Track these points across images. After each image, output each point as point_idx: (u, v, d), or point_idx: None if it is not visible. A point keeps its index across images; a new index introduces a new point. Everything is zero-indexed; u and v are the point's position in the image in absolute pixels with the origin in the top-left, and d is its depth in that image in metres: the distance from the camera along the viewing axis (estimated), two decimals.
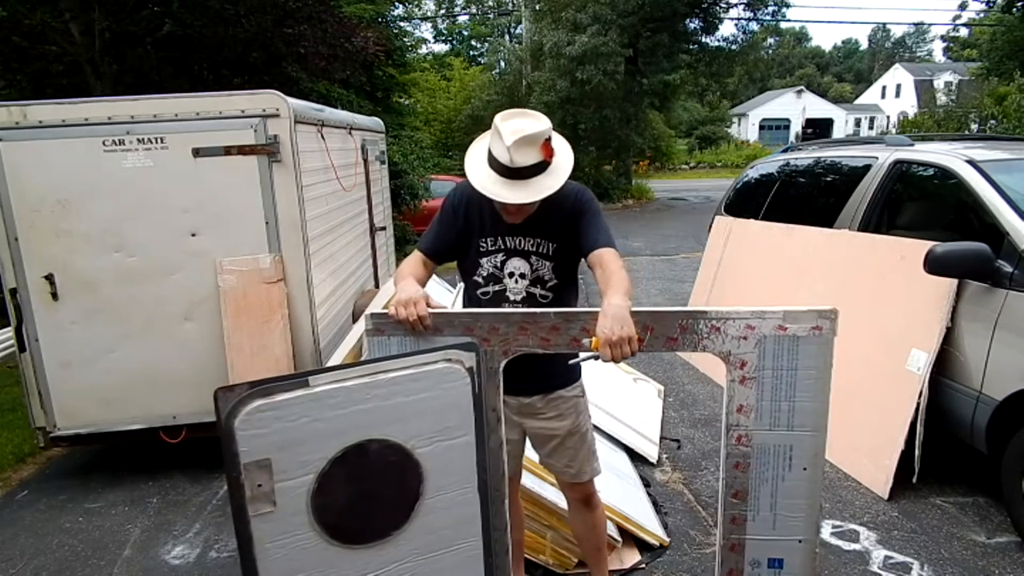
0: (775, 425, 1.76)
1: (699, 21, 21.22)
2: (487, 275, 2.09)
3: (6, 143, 3.42)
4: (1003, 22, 18.73)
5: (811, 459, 1.78)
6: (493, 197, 1.93)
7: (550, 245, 2.06)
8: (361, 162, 5.28)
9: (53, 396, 3.66)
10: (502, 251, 2.07)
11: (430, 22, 36.69)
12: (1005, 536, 2.93)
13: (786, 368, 1.72)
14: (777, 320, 1.69)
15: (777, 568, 1.88)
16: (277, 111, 3.53)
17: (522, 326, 1.77)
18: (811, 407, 1.74)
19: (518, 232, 2.05)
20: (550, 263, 2.07)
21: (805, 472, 1.79)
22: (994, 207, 3.09)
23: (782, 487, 1.80)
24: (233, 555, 3.06)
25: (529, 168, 1.89)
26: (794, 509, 1.82)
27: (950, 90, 27.39)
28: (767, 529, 1.84)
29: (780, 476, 1.79)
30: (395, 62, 11.49)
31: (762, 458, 1.78)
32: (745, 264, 5.08)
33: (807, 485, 1.80)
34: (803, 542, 1.84)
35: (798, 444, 1.77)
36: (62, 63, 7.44)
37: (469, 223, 2.09)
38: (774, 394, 1.74)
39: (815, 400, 1.74)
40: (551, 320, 1.76)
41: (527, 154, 1.88)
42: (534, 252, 2.06)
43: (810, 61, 70.57)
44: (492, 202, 2.00)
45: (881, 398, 3.38)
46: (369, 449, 1.58)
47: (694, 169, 33.51)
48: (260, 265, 3.62)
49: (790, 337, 1.70)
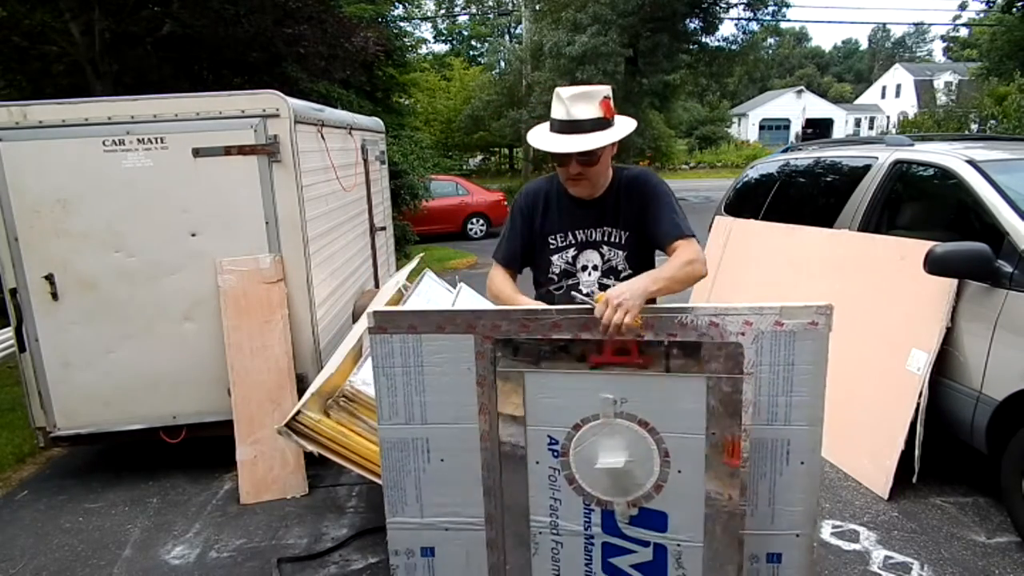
0: (772, 420, 1.77)
1: (699, 21, 21.24)
2: (560, 271, 2.07)
3: (6, 143, 3.41)
4: (1003, 22, 18.74)
5: (808, 453, 1.79)
6: (547, 148, 1.92)
7: (621, 233, 2.03)
8: (361, 162, 5.27)
9: (53, 396, 3.66)
10: (573, 246, 2.05)
11: (430, 22, 36.71)
12: (1005, 536, 2.93)
13: (783, 363, 1.73)
14: (774, 316, 1.70)
15: (775, 563, 1.88)
16: (277, 111, 3.53)
17: (523, 323, 1.77)
18: (808, 402, 1.75)
19: (587, 223, 2.03)
20: (623, 252, 2.03)
21: (802, 466, 1.80)
22: (994, 207, 3.09)
23: (780, 482, 1.81)
24: (233, 555, 3.06)
25: (588, 122, 1.88)
26: (791, 503, 1.82)
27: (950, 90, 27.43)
28: (765, 524, 1.85)
29: (778, 471, 1.80)
30: (395, 62, 11.50)
31: (760, 453, 1.79)
32: (745, 264, 5.08)
33: (804, 479, 1.81)
34: (800, 536, 1.85)
35: (795, 439, 1.78)
36: (62, 63, 7.44)
37: (537, 222, 2.08)
38: (771, 389, 1.74)
39: (811, 395, 1.75)
40: (552, 317, 1.76)
41: (584, 108, 1.88)
42: (605, 242, 2.04)
43: (810, 61, 70.59)
44: (560, 196, 2.01)
45: (881, 398, 3.38)
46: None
47: (694, 169, 33.49)
48: (260, 265, 3.63)
49: (787, 333, 1.71)
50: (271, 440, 3.48)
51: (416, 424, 1.90)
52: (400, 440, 1.92)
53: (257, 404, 3.58)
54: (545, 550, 1.93)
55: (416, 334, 1.82)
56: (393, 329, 1.82)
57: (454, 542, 1.96)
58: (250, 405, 3.58)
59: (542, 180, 2.15)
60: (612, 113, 1.94)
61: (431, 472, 1.93)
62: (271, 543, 3.14)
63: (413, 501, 1.95)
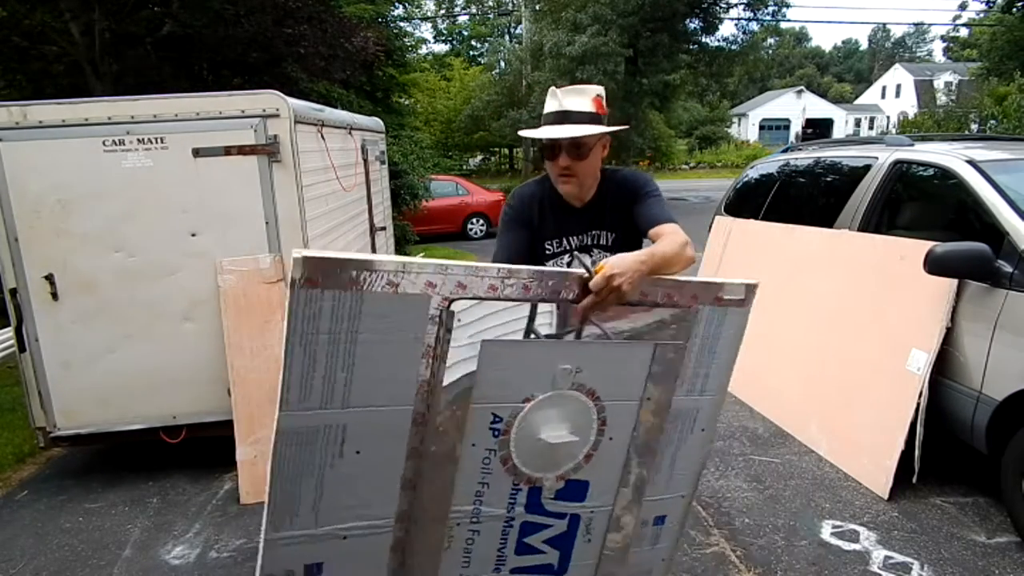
0: (691, 391, 1.79)
1: (699, 21, 21.23)
2: None
3: (6, 143, 3.41)
4: (1003, 22, 18.74)
5: (708, 421, 1.85)
6: (538, 135, 1.92)
7: (609, 235, 2.03)
8: (361, 162, 5.28)
9: (53, 396, 3.66)
10: (567, 251, 2.05)
11: (430, 22, 36.73)
12: (1005, 536, 2.93)
13: (712, 336, 1.75)
14: (718, 290, 1.72)
15: (659, 525, 1.93)
16: (277, 111, 3.53)
17: (460, 283, 1.49)
18: (722, 373, 1.81)
19: (579, 229, 2.04)
20: (609, 254, 2.00)
21: (703, 433, 1.85)
22: (994, 207, 3.09)
23: (683, 448, 1.85)
24: (233, 555, 3.06)
25: (579, 114, 1.89)
26: (687, 468, 1.88)
27: (950, 90, 27.46)
28: (660, 489, 1.88)
29: (683, 439, 1.84)
30: (395, 62, 11.50)
31: (673, 423, 1.81)
32: (745, 264, 5.08)
33: (700, 446, 1.87)
34: (684, 497, 1.91)
35: (703, 408, 1.82)
36: (62, 63, 7.44)
37: (533, 225, 2.05)
38: (697, 361, 1.77)
39: (726, 366, 1.80)
40: (493, 275, 1.53)
41: (576, 100, 1.90)
42: (594, 245, 2.04)
43: (810, 61, 70.60)
44: (553, 202, 2.00)
45: (881, 398, 3.38)
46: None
47: (694, 169, 33.49)
48: (260, 265, 3.63)
49: (721, 308, 1.74)
50: (271, 440, 3.47)
51: (333, 409, 1.50)
52: (308, 431, 1.53)
53: (257, 404, 3.58)
54: (459, 543, 1.75)
55: (357, 291, 1.39)
56: (328, 283, 1.36)
57: (349, 552, 1.63)
58: (250, 405, 3.58)
59: (532, 184, 2.10)
60: (604, 111, 1.95)
61: (340, 468, 1.55)
62: None
63: (308, 510, 1.57)
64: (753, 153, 30.49)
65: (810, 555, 2.86)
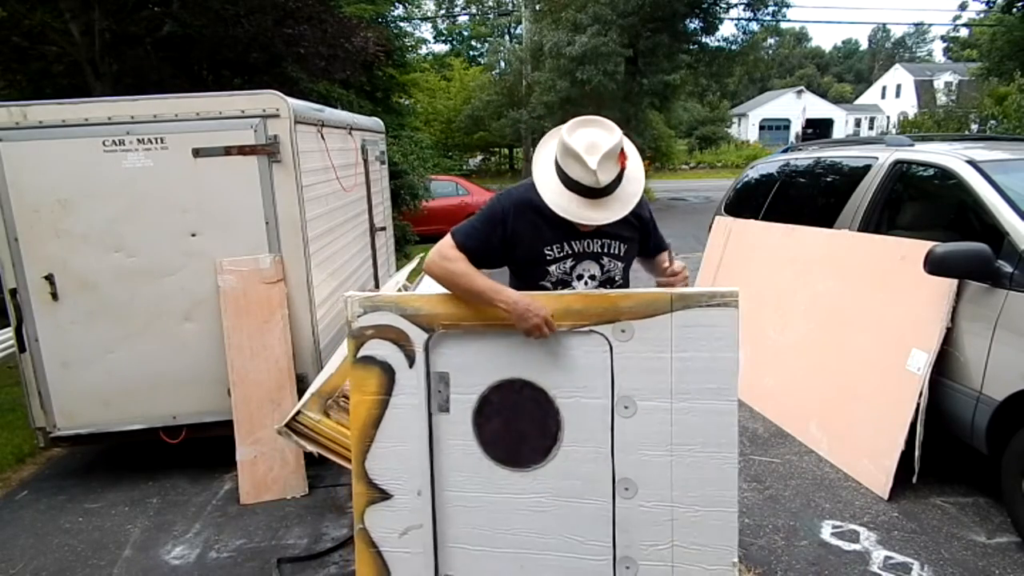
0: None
1: (699, 21, 21.19)
2: (556, 280, 2.08)
3: (6, 143, 3.41)
4: (1003, 22, 18.71)
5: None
6: (583, 222, 1.89)
7: (621, 246, 2.07)
8: (361, 162, 5.27)
9: (53, 396, 3.66)
10: (570, 256, 2.06)
11: (430, 22, 36.72)
12: (1005, 536, 2.93)
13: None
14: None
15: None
16: (277, 111, 3.53)
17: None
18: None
19: (585, 235, 2.03)
20: (621, 263, 2.09)
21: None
22: (994, 207, 3.09)
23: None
24: (233, 555, 3.06)
25: (612, 184, 1.86)
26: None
27: (950, 90, 27.44)
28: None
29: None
30: (395, 62, 11.49)
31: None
32: (745, 264, 5.08)
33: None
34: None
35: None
36: (62, 63, 7.43)
37: (519, 234, 2.03)
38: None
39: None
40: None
41: (610, 170, 1.83)
42: (605, 254, 2.07)
43: (810, 61, 70.57)
44: (553, 213, 1.95)
45: (881, 398, 3.38)
46: (518, 385, 2.00)
47: (694, 169, 33.50)
48: (260, 265, 3.63)
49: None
50: (271, 440, 3.48)
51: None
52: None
53: (257, 404, 3.58)
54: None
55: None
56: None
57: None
58: (250, 405, 3.58)
59: (527, 190, 2.03)
60: (626, 158, 1.89)
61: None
62: (271, 543, 3.14)
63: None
64: (753, 153, 30.49)
65: (810, 555, 2.86)
